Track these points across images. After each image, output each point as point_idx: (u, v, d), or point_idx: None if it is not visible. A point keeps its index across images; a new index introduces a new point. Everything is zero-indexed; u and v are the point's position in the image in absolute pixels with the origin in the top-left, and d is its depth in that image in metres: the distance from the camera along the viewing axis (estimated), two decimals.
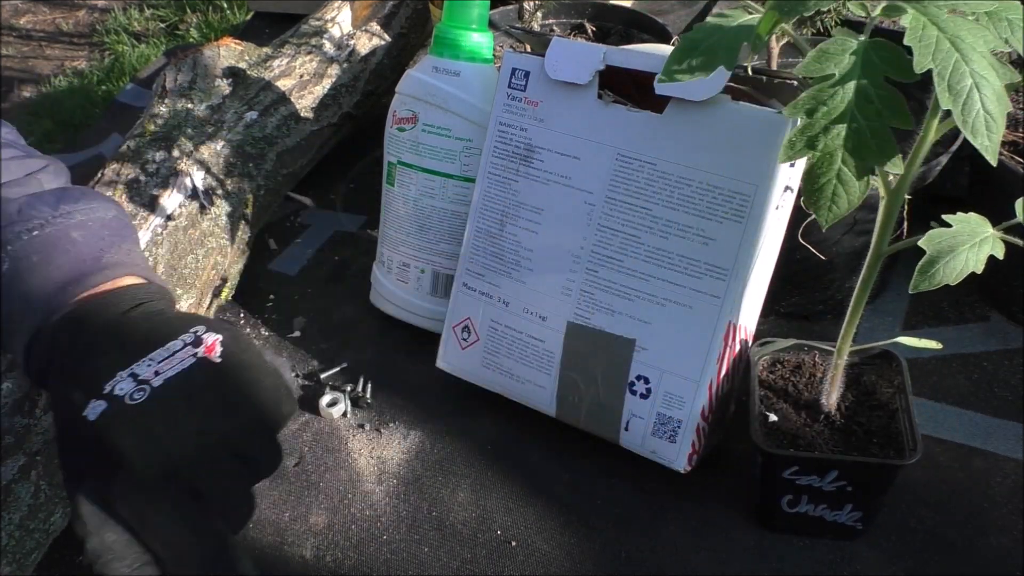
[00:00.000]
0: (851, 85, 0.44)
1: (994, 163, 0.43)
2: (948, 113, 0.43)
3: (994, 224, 0.52)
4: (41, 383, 0.58)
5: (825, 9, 0.51)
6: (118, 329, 0.54)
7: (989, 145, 0.42)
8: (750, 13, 0.53)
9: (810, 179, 0.46)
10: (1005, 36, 0.45)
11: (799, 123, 0.46)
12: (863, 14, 0.46)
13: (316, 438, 0.78)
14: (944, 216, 0.52)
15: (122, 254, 0.61)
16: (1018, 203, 0.51)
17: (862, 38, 0.45)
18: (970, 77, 0.42)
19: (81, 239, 0.59)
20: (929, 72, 0.43)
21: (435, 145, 0.81)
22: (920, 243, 0.51)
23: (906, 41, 0.43)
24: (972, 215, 0.52)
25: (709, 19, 0.53)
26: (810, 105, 0.45)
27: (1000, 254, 0.51)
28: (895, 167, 0.45)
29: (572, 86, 0.70)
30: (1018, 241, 0.51)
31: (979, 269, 0.50)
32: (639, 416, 0.69)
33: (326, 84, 1.03)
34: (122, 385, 0.50)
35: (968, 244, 0.50)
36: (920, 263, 0.50)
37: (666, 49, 0.79)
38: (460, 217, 0.81)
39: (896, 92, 0.44)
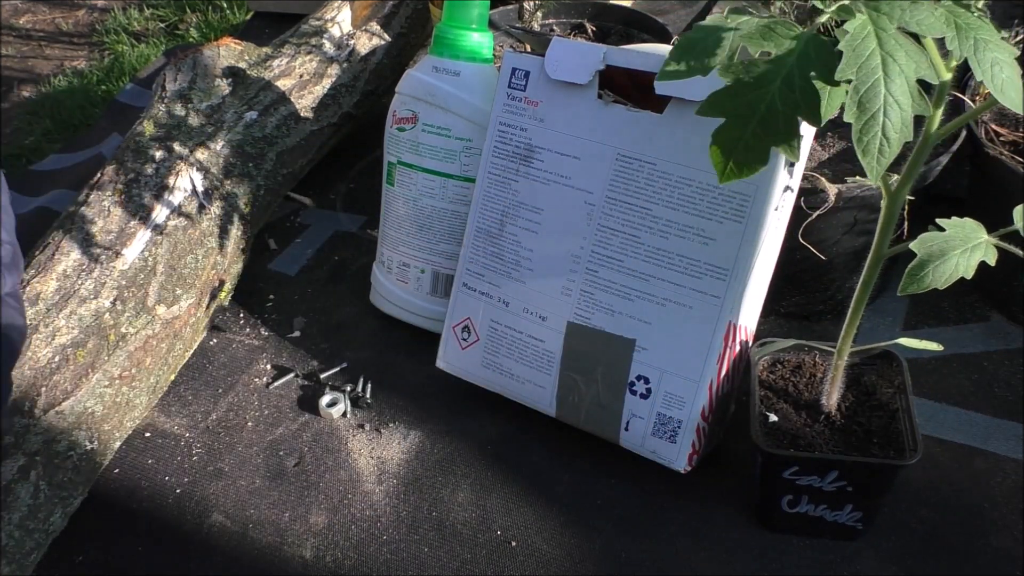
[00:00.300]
0: (782, 69, 0.44)
1: (874, 183, 0.43)
2: (948, 117, 0.43)
3: (994, 225, 0.52)
4: None
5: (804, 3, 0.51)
6: None
7: (876, 167, 0.43)
8: (750, 14, 0.53)
9: (718, 138, 0.46)
10: (968, 54, 0.45)
11: (725, 86, 0.46)
12: (822, 6, 0.47)
13: (316, 438, 0.78)
14: (938, 220, 0.52)
15: None
16: (1016, 210, 0.51)
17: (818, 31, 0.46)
18: (882, 99, 0.42)
19: None
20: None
21: (435, 145, 0.81)
22: (911, 246, 0.51)
23: (840, 46, 0.43)
24: (967, 220, 0.52)
25: (709, 19, 0.53)
26: (740, 73, 0.45)
27: (992, 260, 0.51)
28: (791, 155, 0.45)
29: (572, 86, 0.70)
30: (1014, 249, 0.51)
31: (968, 275, 0.50)
32: (639, 416, 0.68)
33: (326, 84, 1.03)
34: None
35: (960, 249, 0.50)
36: (910, 266, 0.50)
37: (666, 49, 0.79)
38: (460, 217, 0.81)
39: (816, 91, 0.44)
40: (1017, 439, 0.72)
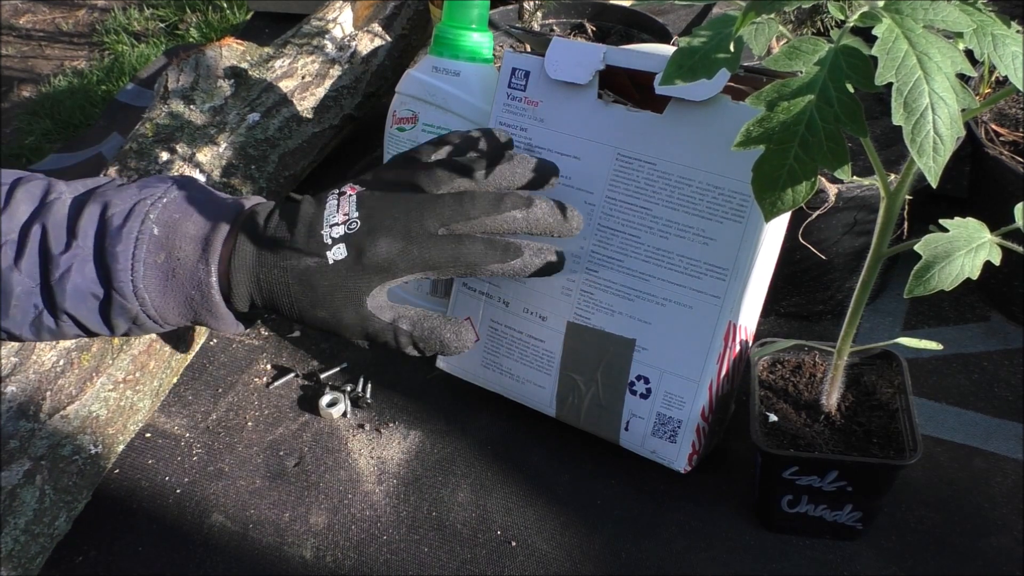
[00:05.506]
0: (815, 86, 0.44)
1: (935, 185, 0.43)
2: None
3: (994, 225, 0.52)
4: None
5: (807, 6, 0.50)
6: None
7: (933, 167, 0.42)
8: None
9: (760, 171, 0.46)
10: (987, 51, 0.45)
11: (759, 114, 0.46)
12: (841, 16, 0.46)
13: (316, 438, 0.78)
14: (941, 220, 0.52)
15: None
16: (1017, 208, 0.51)
17: (845, 42, 0.45)
18: (927, 96, 0.42)
19: (198, 194, 0.67)
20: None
21: None
22: (916, 248, 0.51)
23: (874, 51, 0.43)
24: (970, 219, 0.52)
25: (709, 21, 0.53)
26: (772, 97, 0.45)
27: (997, 260, 0.51)
28: (843, 174, 0.45)
29: (572, 86, 0.70)
30: (1016, 247, 0.51)
31: (975, 275, 0.50)
32: (639, 416, 0.69)
33: (328, 85, 1.03)
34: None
35: (964, 249, 0.50)
36: (915, 268, 0.50)
37: (666, 49, 0.80)
38: None
39: (856, 100, 0.44)
40: (1017, 439, 0.72)
